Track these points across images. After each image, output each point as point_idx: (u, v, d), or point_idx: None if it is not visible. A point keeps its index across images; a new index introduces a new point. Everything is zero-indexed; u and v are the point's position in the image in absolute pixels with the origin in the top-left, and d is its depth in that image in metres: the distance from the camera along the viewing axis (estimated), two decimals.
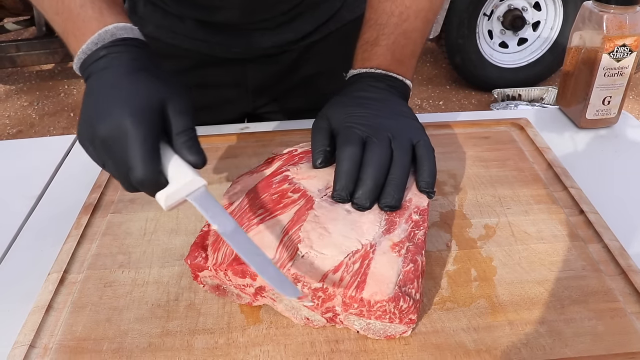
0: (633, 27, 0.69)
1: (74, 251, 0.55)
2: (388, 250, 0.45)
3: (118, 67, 0.45)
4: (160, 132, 0.44)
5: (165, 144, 0.44)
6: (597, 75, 0.72)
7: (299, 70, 0.83)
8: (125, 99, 0.43)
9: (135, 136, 0.42)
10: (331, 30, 0.81)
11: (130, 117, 0.42)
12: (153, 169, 0.42)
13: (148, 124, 0.42)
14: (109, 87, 0.45)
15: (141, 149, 0.42)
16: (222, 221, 0.43)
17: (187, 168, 0.44)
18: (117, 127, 0.42)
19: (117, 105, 0.43)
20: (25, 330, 0.47)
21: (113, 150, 0.43)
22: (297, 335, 0.45)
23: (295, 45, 0.80)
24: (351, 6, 0.82)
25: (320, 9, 0.79)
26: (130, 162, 0.42)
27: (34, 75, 3.04)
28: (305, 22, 0.78)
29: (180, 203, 0.44)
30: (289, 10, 0.76)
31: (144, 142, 0.42)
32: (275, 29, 0.77)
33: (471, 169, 0.65)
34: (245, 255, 0.41)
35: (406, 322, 0.43)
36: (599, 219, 0.56)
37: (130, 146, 0.42)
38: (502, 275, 0.50)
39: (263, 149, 0.71)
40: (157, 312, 0.48)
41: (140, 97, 0.43)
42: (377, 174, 0.48)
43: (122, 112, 0.42)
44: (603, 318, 0.45)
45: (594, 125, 0.76)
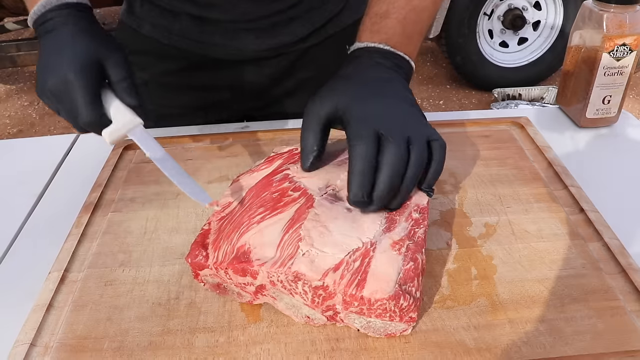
0: (633, 26, 0.69)
1: (75, 250, 0.55)
2: (388, 248, 0.45)
3: (63, 29, 0.54)
4: (100, 83, 0.53)
5: (109, 91, 0.54)
6: (597, 75, 0.72)
7: (295, 74, 0.82)
8: (68, 57, 0.52)
9: (77, 88, 0.51)
10: (329, 35, 0.81)
11: (73, 72, 0.51)
12: (95, 113, 0.52)
13: (88, 77, 0.51)
14: (55, 47, 0.53)
15: (84, 98, 0.51)
16: (154, 150, 0.53)
17: (126, 110, 0.53)
18: (63, 81, 0.51)
19: (62, 63, 0.51)
20: (26, 329, 0.47)
21: (62, 100, 0.52)
22: (298, 334, 0.45)
23: (291, 49, 0.80)
24: (350, 11, 0.81)
25: (317, 13, 0.78)
26: (77, 109, 0.51)
27: (34, 75, 3.04)
28: (301, 25, 0.78)
29: (121, 138, 0.53)
30: (283, 10, 0.75)
31: (85, 93, 0.51)
32: (270, 30, 0.77)
33: (471, 168, 0.65)
34: (169, 173, 0.53)
35: (406, 321, 0.43)
36: (599, 217, 0.56)
37: (75, 96, 0.51)
38: (502, 273, 0.50)
39: (263, 148, 0.71)
40: (158, 311, 0.48)
41: (81, 55, 0.52)
42: (394, 180, 0.46)
43: (67, 69, 0.51)
44: (603, 316, 0.46)
45: (594, 125, 0.76)
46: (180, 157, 0.70)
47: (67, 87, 0.51)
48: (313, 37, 0.80)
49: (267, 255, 0.44)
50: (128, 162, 0.70)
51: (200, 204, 0.51)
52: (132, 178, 0.67)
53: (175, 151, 0.72)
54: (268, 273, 0.44)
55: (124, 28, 0.83)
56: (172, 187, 0.64)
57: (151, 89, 0.82)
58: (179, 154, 0.71)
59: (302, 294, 0.43)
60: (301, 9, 0.76)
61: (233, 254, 0.46)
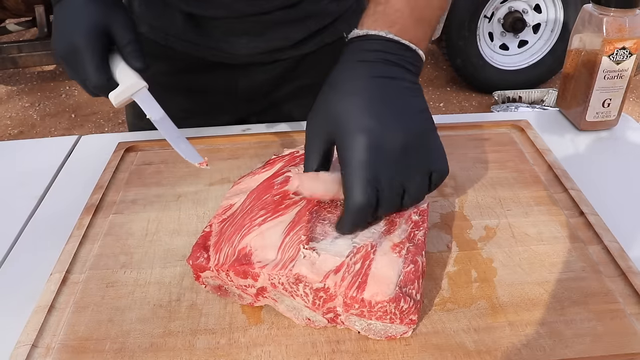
0: (633, 30, 0.69)
1: (76, 251, 0.55)
2: (388, 250, 0.45)
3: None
4: (107, 47, 0.57)
5: (117, 55, 0.57)
6: (597, 78, 0.72)
7: (293, 81, 0.82)
8: (76, 24, 0.56)
9: (85, 53, 0.55)
10: (327, 43, 0.80)
11: (80, 38, 0.55)
12: (103, 77, 0.56)
13: (94, 42, 0.55)
14: (65, 15, 0.57)
15: (91, 62, 0.55)
16: (154, 112, 0.57)
17: (131, 73, 0.57)
18: (72, 47, 0.55)
19: (71, 30, 0.56)
20: (27, 330, 0.47)
21: (73, 66, 0.56)
22: (299, 336, 0.45)
23: (286, 54, 0.79)
24: (348, 20, 0.81)
25: (313, 19, 0.78)
26: (86, 73, 0.56)
27: (35, 76, 3.05)
28: (295, 29, 0.77)
29: (127, 100, 0.57)
30: (277, 10, 0.74)
31: (92, 57, 0.55)
32: (264, 33, 0.76)
33: (471, 171, 0.66)
34: (166, 134, 0.57)
35: (407, 323, 0.43)
36: (599, 220, 0.56)
37: (83, 61, 0.55)
38: (502, 276, 0.50)
39: (264, 150, 0.72)
40: (159, 313, 0.48)
41: (88, 21, 0.55)
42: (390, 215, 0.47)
43: (74, 35, 0.55)
44: (603, 319, 0.46)
45: (594, 128, 0.77)
46: (182, 159, 0.70)
47: (76, 53, 0.55)
48: (309, 44, 0.79)
49: (269, 258, 0.45)
50: (130, 164, 0.70)
51: (191, 162, 0.56)
52: (134, 180, 0.67)
53: (177, 153, 0.71)
54: (269, 275, 0.44)
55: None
56: (174, 189, 0.65)
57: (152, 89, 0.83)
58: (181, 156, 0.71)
59: (303, 296, 0.44)
60: (296, 13, 0.76)
61: (234, 256, 0.46)
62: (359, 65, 0.46)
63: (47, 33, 2.59)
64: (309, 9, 0.76)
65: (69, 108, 2.72)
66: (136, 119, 0.89)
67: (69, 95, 2.84)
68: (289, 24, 0.76)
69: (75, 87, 2.92)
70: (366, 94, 0.44)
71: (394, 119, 0.43)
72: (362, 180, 0.42)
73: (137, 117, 0.88)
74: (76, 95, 2.83)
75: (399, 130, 0.43)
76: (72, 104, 2.76)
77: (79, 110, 2.69)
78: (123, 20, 0.57)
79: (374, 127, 0.43)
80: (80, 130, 2.50)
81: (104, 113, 2.63)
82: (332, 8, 0.79)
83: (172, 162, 0.70)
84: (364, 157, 0.42)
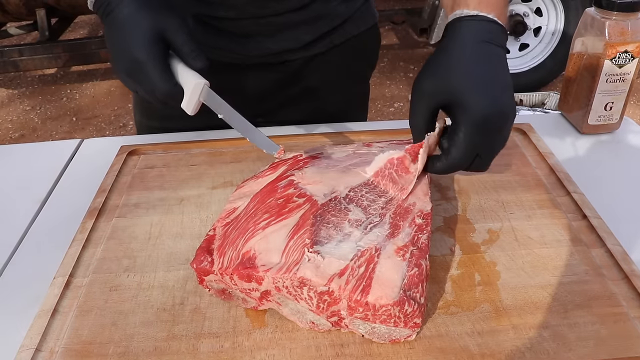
0: (635, 33, 0.69)
1: (79, 255, 0.55)
2: (392, 254, 0.45)
3: (122, 8, 0.56)
4: (167, 53, 0.56)
5: (175, 58, 0.57)
6: (599, 81, 0.72)
7: (300, 82, 0.83)
8: (132, 37, 0.55)
9: (148, 65, 0.54)
10: (335, 44, 0.81)
11: (140, 51, 0.54)
12: (169, 85, 0.55)
13: (154, 52, 0.54)
14: (118, 28, 0.56)
15: (155, 72, 0.54)
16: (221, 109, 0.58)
17: (191, 74, 0.56)
18: (133, 62, 0.54)
19: (129, 44, 0.55)
20: (31, 334, 0.47)
21: (138, 79, 0.56)
22: (303, 339, 0.45)
23: (295, 56, 0.80)
24: (356, 22, 0.82)
25: (323, 21, 0.78)
26: (152, 84, 0.55)
27: (36, 79, 3.05)
28: (305, 31, 0.78)
29: (199, 104, 0.57)
30: (288, 12, 0.75)
31: (156, 68, 0.54)
32: (275, 35, 0.77)
33: (474, 174, 0.66)
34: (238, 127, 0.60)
35: (411, 326, 0.43)
36: (602, 223, 0.56)
37: (148, 73, 0.54)
38: (505, 279, 0.50)
39: (267, 154, 0.71)
40: (163, 316, 0.48)
41: (144, 32, 0.54)
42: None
43: (134, 49, 0.54)
44: (606, 322, 0.46)
45: (596, 131, 0.77)
46: (184, 162, 0.71)
47: (139, 66, 0.54)
48: (318, 45, 0.80)
49: (273, 261, 0.45)
50: (132, 168, 0.70)
51: (267, 152, 0.59)
52: (136, 184, 0.67)
53: (179, 157, 0.72)
54: (273, 279, 0.44)
55: None
56: (176, 192, 0.65)
57: None
58: (183, 160, 0.71)
59: (307, 299, 0.44)
60: (307, 15, 0.76)
61: (238, 260, 0.46)
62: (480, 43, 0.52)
63: (48, 36, 2.59)
64: (319, 10, 0.77)
65: (70, 111, 2.72)
66: (144, 117, 0.89)
67: (70, 98, 2.85)
68: (299, 26, 0.77)
69: (77, 90, 2.92)
70: (491, 69, 0.51)
71: (508, 97, 0.51)
72: (470, 142, 0.50)
73: (144, 115, 0.89)
74: (77, 99, 2.84)
75: (510, 107, 0.51)
76: (73, 107, 2.76)
77: (80, 114, 2.69)
78: (176, 23, 0.56)
79: (497, 98, 0.50)
80: (82, 133, 2.50)
81: (105, 116, 2.63)
82: (341, 9, 0.79)
83: (174, 166, 0.70)
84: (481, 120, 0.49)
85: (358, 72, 0.90)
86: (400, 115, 2.65)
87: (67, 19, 2.90)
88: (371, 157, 0.56)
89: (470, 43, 0.51)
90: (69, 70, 3.08)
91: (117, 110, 2.65)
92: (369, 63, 0.91)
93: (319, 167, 0.54)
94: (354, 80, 0.90)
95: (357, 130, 0.77)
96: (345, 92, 0.88)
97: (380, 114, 2.67)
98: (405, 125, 0.76)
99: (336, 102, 0.86)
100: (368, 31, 0.85)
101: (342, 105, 0.88)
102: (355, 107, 0.93)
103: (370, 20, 0.85)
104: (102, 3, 0.57)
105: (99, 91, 2.88)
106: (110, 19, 0.57)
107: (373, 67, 0.92)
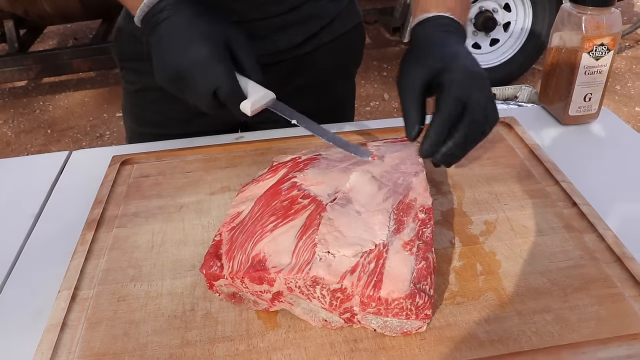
0: (609, 27, 0.72)
1: (83, 267, 0.55)
2: (400, 249, 0.46)
3: (182, 13, 0.57)
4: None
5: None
6: (578, 74, 0.75)
7: (292, 81, 0.84)
8: (200, 34, 0.55)
9: (218, 60, 0.54)
10: (323, 42, 0.83)
11: (210, 45, 0.54)
12: (236, 83, 0.56)
13: (224, 52, 0.55)
14: (180, 29, 0.56)
15: (225, 69, 0.54)
16: (294, 116, 0.59)
17: (257, 85, 0.58)
18: (200, 56, 0.54)
19: (195, 40, 0.55)
20: (41, 349, 0.47)
21: (196, 76, 0.54)
22: (316, 337, 0.46)
23: (289, 55, 0.81)
24: (343, 20, 0.84)
25: (313, 20, 0.80)
26: (217, 81, 0.54)
27: (6, 92, 2.98)
28: (297, 31, 0.79)
29: (259, 109, 0.58)
30: (281, 14, 0.76)
31: (225, 64, 0.55)
32: (268, 36, 0.77)
33: (466, 168, 0.68)
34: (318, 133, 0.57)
35: (422, 318, 0.44)
36: (591, 210, 0.59)
37: (214, 69, 0.54)
38: (506, 268, 0.52)
39: (261, 158, 0.72)
40: (175, 323, 0.48)
41: (211, 34, 0.55)
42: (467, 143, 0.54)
43: (201, 44, 0.54)
44: (604, 303, 0.48)
45: (577, 122, 0.80)
46: (179, 169, 0.71)
47: (205, 62, 0.54)
48: (308, 44, 0.81)
49: (283, 262, 0.45)
50: (127, 178, 0.70)
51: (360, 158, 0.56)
52: (133, 193, 0.67)
53: (173, 164, 0.72)
54: (286, 280, 0.45)
55: (121, 34, 0.83)
56: (174, 199, 0.65)
57: (149, 95, 0.83)
58: (178, 167, 0.71)
59: (320, 298, 0.45)
60: (299, 15, 0.78)
61: (248, 263, 0.47)
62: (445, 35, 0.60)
63: (17, 48, 2.54)
64: (310, 10, 0.79)
65: (44, 124, 2.67)
66: (134, 124, 0.89)
67: (43, 110, 2.79)
68: (292, 26, 0.78)
69: (50, 102, 2.86)
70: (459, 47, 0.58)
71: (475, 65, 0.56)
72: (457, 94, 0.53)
73: (135, 122, 0.88)
74: (50, 111, 2.78)
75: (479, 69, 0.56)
76: (47, 119, 2.71)
77: (54, 126, 2.64)
78: (240, 35, 0.58)
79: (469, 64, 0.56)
80: (58, 145, 2.45)
81: (81, 127, 2.58)
82: (330, 8, 0.81)
83: (169, 173, 0.70)
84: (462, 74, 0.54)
85: (345, 70, 0.92)
86: (377, 114, 2.67)
87: (36, 29, 2.85)
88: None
89: (436, 32, 0.60)
90: (40, 81, 3.02)
91: (93, 120, 2.61)
92: (355, 61, 0.93)
93: (319, 168, 0.55)
94: (342, 78, 0.92)
95: (347, 130, 0.78)
96: (335, 90, 0.91)
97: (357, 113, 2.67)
98: (391, 124, 0.78)
99: (326, 99, 0.88)
100: (354, 29, 0.87)
101: (332, 102, 0.90)
102: (344, 105, 0.95)
103: (356, 18, 0.87)
104: (159, 11, 0.57)
105: (73, 102, 2.83)
106: (166, 25, 0.57)
107: (358, 65, 0.94)
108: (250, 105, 0.56)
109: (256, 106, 0.57)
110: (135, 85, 0.85)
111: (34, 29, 2.82)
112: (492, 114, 0.55)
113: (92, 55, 2.54)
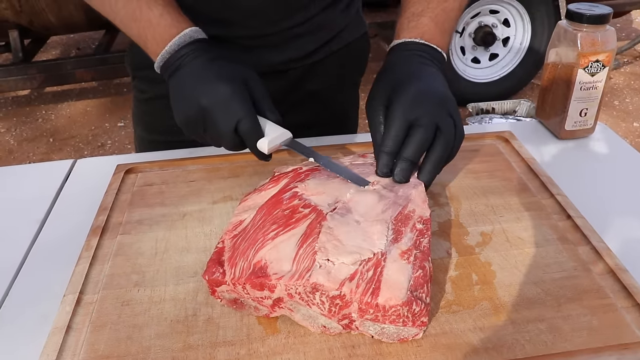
0: (604, 44, 0.74)
1: (87, 272, 0.56)
2: (398, 258, 0.47)
3: (202, 57, 0.60)
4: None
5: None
6: (573, 89, 0.77)
7: (302, 87, 0.86)
8: (220, 74, 0.58)
9: (239, 97, 0.57)
10: (333, 51, 0.86)
11: (231, 83, 0.57)
12: (256, 119, 0.58)
13: (243, 90, 0.58)
14: (201, 70, 0.59)
15: (245, 105, 0.57)
16: (316, 156, 0.60)
17: (274, 125, 0.60)
18: (222, 94, 0.57)
19: (216, 79, 0.58)
20: (47, 351, 0.48)
21: (219, 113, 0.57)
22: (315, 343, 0.47)
23: (299, 64, 0.84)
24: (352, 29, 0.87)
25: (324, 30, 0.83)
26: (239, 115, 0.57)
27: (10, 101, 3.01)
28: (309, 41, 0.82)
29: (276, 148, 0.60)
30: (293, 27, 0.79)
31: (246, 101, 0.57)
32: (280, 46, 0.80)
33: (463, 181, 0.69)
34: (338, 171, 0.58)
35: (418, 325, 0.45)
36: (585, 222, 0.60)
37: (236, 105, 0.57)
38: (501, 278, 0.53)
39: (263, 168, 0.74)
40: (177, 328, 0.50)
41: (232, 74, 0.58)
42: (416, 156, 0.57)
43: (222, 82, 0.57)
44: (597, 313, 0.49)
45: (573, 136, 0.81)
46: (182, 179, 0.72)
47: (225, 99, 0.57)
48: (319, 52, 0.84)
49: (284, 269, 0.47)
50: (131, 186, 0.72)
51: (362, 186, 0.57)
52: (137, 201, 0.68)
53: (176, 173, 0.73)
54: (286, 286, 0.46)
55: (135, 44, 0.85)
56: (177, 208, 0.67)
57: (161, 103, 0.84)
58: (181, 176, 0.73)
59: (319, 304, 0.46)
60: (310, 26, 0.81)
61: (250, 270, 0.48)
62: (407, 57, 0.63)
63: (21, 57, 2.57)
64: (322, 21, 0.82)
65: (46, 132, 2.69)
66: (144, 132, 0.91)
67: (46, 119, 2.81)
68: (303, 36, 0.81)
69: (52, 111, 2.89)
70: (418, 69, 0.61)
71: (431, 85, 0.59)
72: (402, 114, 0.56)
73: (145, 130, 0.90)
74: (53, 120, 2.81)
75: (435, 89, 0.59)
76: (49, 128, 2.73)
77: (56, 135, 2.66)
78: (256, 77, 0.61)
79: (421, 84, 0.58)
80: (60, 154, 2.47)
81: (83, 136, 2.61)
82: (340, 19, 0.85)
83: (172, 182, 0.72)
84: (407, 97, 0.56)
85: (351, 78, 0.95)
86: None
87: (40, 39, 2.88)
88: (367, 167, 0.59)
89: (400, 57, 0.63)
90: (43, 91, 3.05)
91: (95, 130, 2.63)
92: (361, 70, 0.96)
93: (320, 178, 0.57)
94: (348, 86, 0.95)
95: (346, 143, 0.80)
96: (341, 98, 0.94)
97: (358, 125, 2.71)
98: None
99: (332, 107, 0.92)
100: (361, 38, 0.91)
101: (338, 110, 0.94)
102: (349, 113, 0.98)
103: (362, 28, 0.91)
104: (179, 57, 0.60)
105: (75, 111, 2.85)
106: (188, 67, 0.60)
107: (362, 74, 0.97)
108: (268, 143, 0.58)
109: (273, 144, 0.59)
110: (146, 93, 0.87)
111: (39, 39, 2.86)
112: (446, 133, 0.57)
113: (95, 66, 2.58)
